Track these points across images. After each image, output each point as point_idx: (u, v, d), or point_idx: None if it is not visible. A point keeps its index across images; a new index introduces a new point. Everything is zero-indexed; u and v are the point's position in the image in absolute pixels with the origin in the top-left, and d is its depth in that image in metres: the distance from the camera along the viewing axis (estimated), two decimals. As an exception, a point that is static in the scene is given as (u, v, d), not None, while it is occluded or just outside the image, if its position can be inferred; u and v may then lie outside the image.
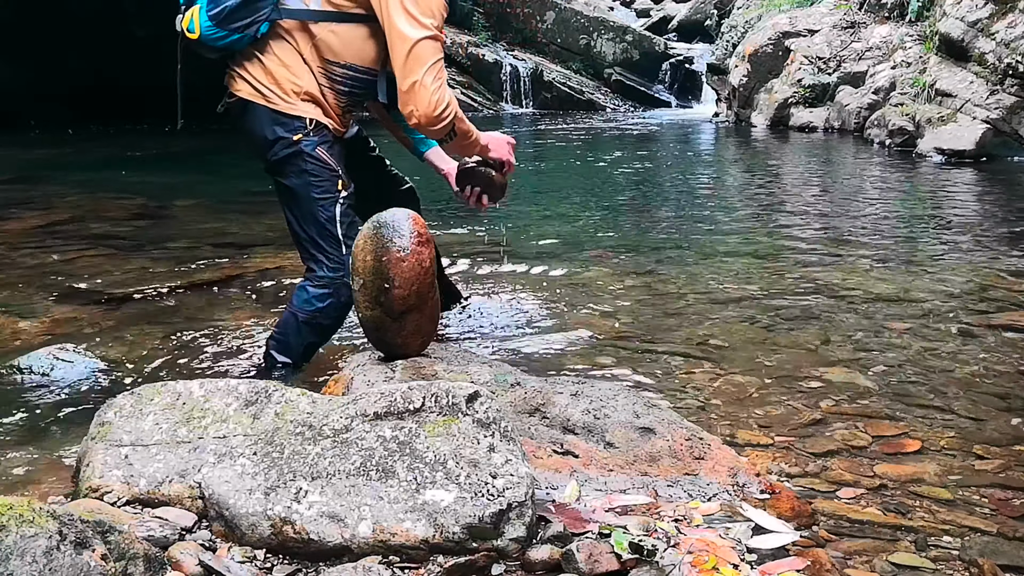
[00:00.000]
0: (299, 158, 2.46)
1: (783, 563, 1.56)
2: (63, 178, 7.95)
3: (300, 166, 2.46)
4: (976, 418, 2.40)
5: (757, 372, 2.78)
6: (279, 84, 2.46)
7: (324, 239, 2.50)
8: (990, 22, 8.99)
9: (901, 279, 3.99)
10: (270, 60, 2.46)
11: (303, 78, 2.45)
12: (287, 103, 2.45)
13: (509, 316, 3.43)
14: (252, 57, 2.48)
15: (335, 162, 2.49)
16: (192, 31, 2.47)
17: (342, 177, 2.50)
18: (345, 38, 2.44)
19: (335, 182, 2.48)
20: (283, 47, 2.46)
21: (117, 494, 1.65)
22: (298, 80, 2.45)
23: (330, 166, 2.48)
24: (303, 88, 2.45)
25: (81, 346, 2.94)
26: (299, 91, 2.45)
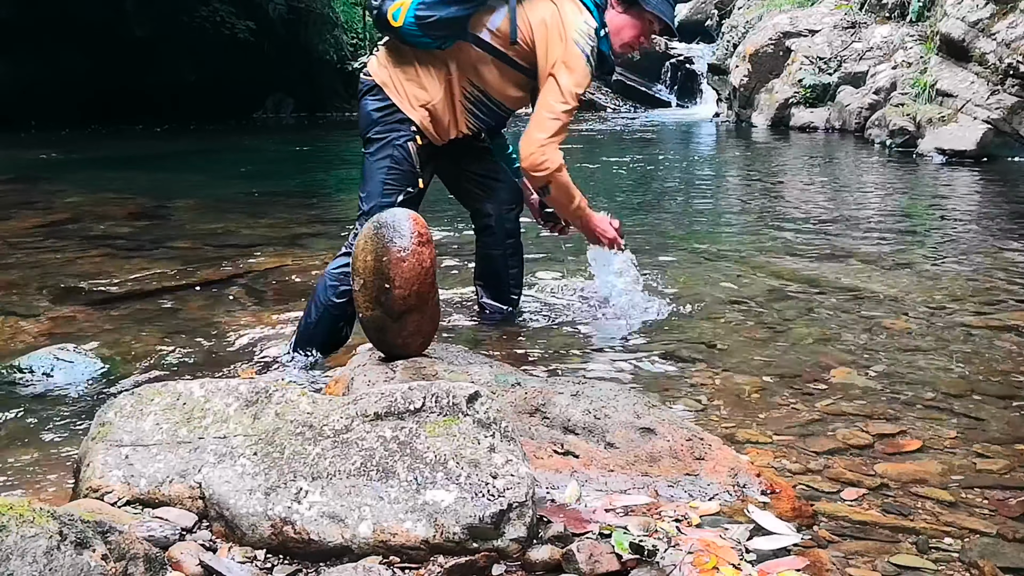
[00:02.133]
0: (388, 143, 2.77)
1: (783, 563, 1.56)
2: (63, 178, 7.96)
3: (386, 150, 2.77)
4: (977, 418, 2.40)
5: (758, 372, 2.77)
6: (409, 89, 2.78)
7: (373, 213, 2.73)
8: (991, 22, 8.99)
9: (902, 279, 3.99)
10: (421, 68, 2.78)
11: (435, 93, 2.77)
12: (408, 105, 2.78)
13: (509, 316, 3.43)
14: (408, 58, 2.79)
15: (419, 162, 2.78)
16: (396, 19, 2.68)
17: (421, 176, 2.80)
18: (498, 75, 2.80)
19: (411, 178, 2.78)
20: (438, 62, 2.78)
21: (117, 494, 1.65)
22: (428, 93, 2.77)
23: (412, 161, 2.77)
24: (431, 100, 2.78)
25: (81, 346, 2.94)
26: (424, 101, 2.78)
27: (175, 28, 14.38)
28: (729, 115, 14.50)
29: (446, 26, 2.68)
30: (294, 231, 5.39)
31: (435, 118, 2.78)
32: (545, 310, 3.51)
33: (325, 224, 5.74)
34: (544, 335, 3.19)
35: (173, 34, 14.43)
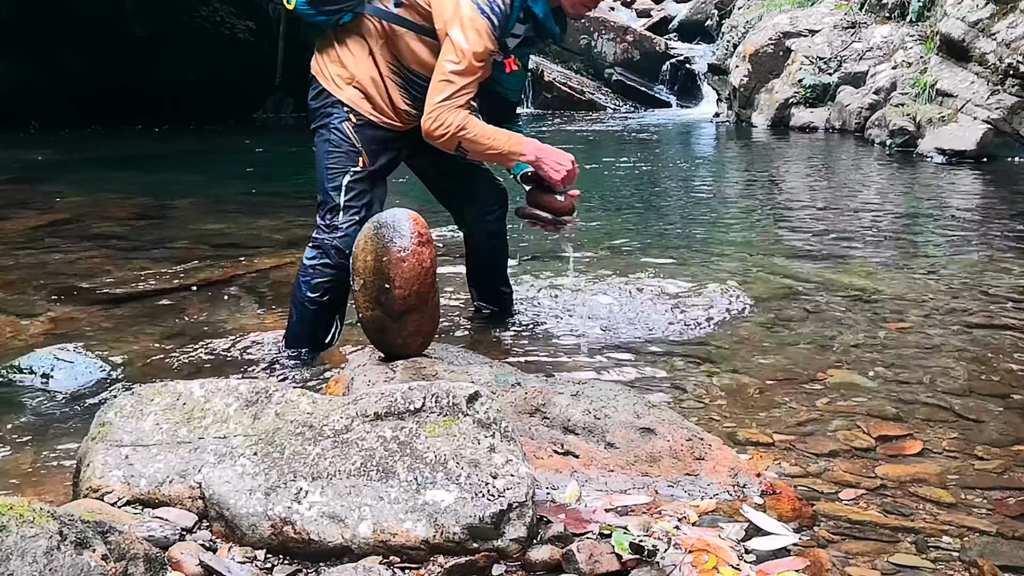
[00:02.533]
0: (326, 128, 2.74)
1: (783, 563, 1.56)
2: (63, 178, 7.95)
3: (324, 135, 2.74)
4: (977, 419, 2.40)
5: (758, 372, 2.78)
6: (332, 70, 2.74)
7: (326, 203, 2.76)
8: (991, 22, 8.99)
9: (902, 279, 3.99)
10: (340, 47, 2.73)
11: (358, 69, 2.70)
12: (335, 86, 2.73)
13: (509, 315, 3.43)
14: (330, 40, 2.75)
15: (358, 140, 2.72)
16: (290, 3, 2.66)
17: (362, 154, 2.72)
18: (412, 46, 2.68)
19: (353, 156, 2.72)
20: (355, 39, 2.71)
21: (117, 494, 1.65)
22: (348, 70, 2.71)
23: (351, 141, 2.71)
24: (353, 76, 2.71)
25: (81, 346, 2.94)
26: (347, 78, 2.72)
27: (175, 28, 14.37)
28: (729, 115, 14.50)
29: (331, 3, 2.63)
30: (294, 231, 5.38)
31: (366, 94, 2.72)
32: (545, 310, 3.51)
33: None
34: (544, 335, 3.19)
35: (173, 34, 14.41)
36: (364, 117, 2.72)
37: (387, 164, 2.82)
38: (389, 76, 2.71)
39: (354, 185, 2.72)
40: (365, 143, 2.72)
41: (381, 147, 2.76)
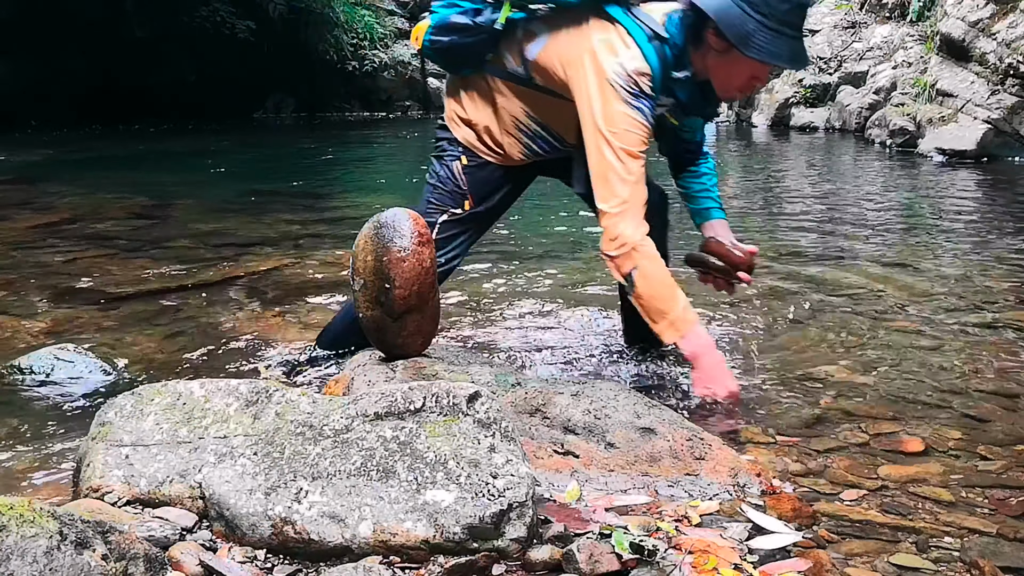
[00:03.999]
0: (439, 161, 2.63)
1: (784, 564, 1.56)
2: (63, 178, 7.96)
3: (435, 167, 2.64)
4: (978, 418, 2.40)
5: (758, 372, 2.77)
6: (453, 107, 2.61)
7: None
8: (991, 22, 8.99)
9: (902, 279, 3.99)
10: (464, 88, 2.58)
11: (476, 114, 2.56)
12: (453, 123, 2.61)
13: (508, 316, 3.43)
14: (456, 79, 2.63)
15: (465, 182, 2.58)
16: (417, 41, 2.55)
17: (468, 197, 2.59)
18: (537, 104, 2.50)
19: (456, 198, 2.59)
20: (478, 86, 2.55)
21: (118, 494, 1.65)
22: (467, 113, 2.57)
23: (457, 182, 2.58)
24: (470, 119, 2.57)
25: (81, 346, 2.94)
26: (464, 119, 2.58)
27: (175, 28, 14.38)
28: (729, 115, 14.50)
29: (455, 55, 2.50)
30: (294, 231, 5.39)
31: (482, 140, 2.57)
32: (544, 309, 3.51)
33: (325, 224, 5.74)
34: (544, 334, 3.19)
35: (173, 34, 14.42)
36: (478, 158, 2.57)
37: (502, 199, 2.66)
38: (513, 128, 2.54)
39: (448, 227, 2.59)
40: (474, 185, 2.58)
41: (495, 186, 2.61)
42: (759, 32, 2.22)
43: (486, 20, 2.41)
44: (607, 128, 2.29)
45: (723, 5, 2.24)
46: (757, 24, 2.22)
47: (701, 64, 2.36)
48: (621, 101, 2.28)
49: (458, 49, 2.47)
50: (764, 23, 2.22)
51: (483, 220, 2.67)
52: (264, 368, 2.86)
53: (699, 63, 2.36)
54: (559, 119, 2.48)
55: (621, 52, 2.29)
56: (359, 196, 7.37)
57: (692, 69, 2.36)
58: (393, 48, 17.73)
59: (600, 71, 2.29)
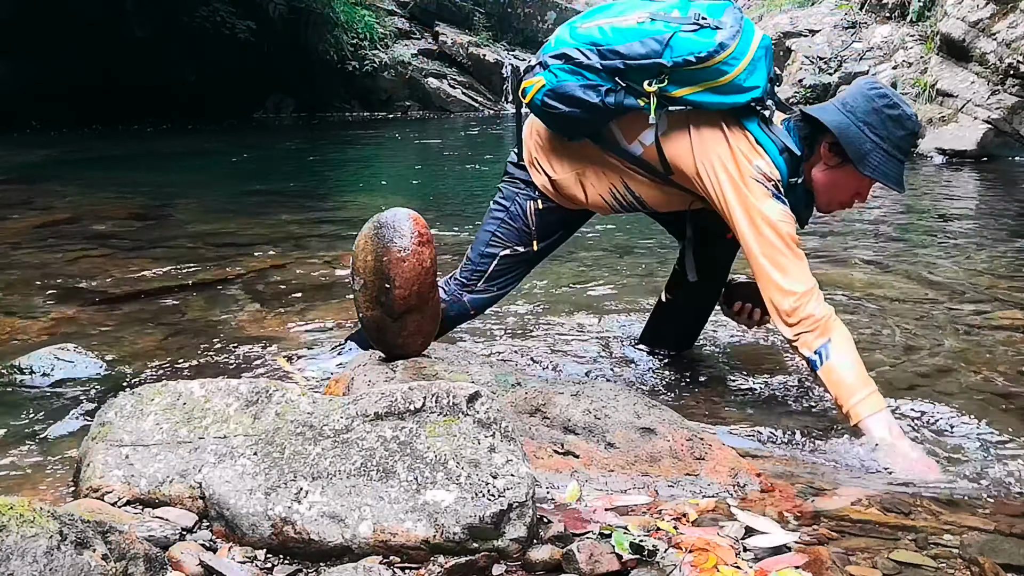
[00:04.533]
0: (512, 198, 2.62)
1: (784, 560, 1.55)
2: (63, 178, 7.96)
3: (506, 204, 2.63)
4: (978, 418, 2.40)
5: (758, 372, 2.78)
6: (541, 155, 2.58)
7: (472, 261, 2.66)
8: (991, 22, 8.98)
9: (902, 279, 3.99)
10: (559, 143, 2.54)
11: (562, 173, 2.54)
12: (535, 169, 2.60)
13: (508, 316, 3.43)
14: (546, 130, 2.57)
15: (535, 223, 2.61)
16: (526, 95, 2.44)
17: (535, 238, 2.62)
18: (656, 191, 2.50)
19: (523, 237, 2.62)
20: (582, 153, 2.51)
21: (118, 494, 1.65)
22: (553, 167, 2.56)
23: (527, 222, 2.61)
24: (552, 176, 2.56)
25: (81, 346, 2.94)
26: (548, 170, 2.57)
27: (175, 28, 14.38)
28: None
29: (570, 125, 2.44)
30: (294, 231, 5.39)
31: (560, 192, 2.57)
32: (544, 310, 3.51)
33: (325, 224, 5.75)
34: (544, 335, 3.19)
35: (173, 34, 14.42)
36: (551, 202, 2.59)
37: (560, 238, 2.71)
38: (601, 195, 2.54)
39: (507, 260, 2.63)
40: (541, 227, 2.62)
41: (559, 227, 2.66)
42: (875, 152, 2.29)
43: (615, 102, 2.33)
44: (769, 219, 2.31)
45: (844, 123, 2.31)
46: (874, 145, 2.29)
47: (808, 174, 2.42)
48: (771, 197, 2.32)
49: (577, 122, 2.41)
50: (880, 145, 2.29)
51: (539, 258, 2.71)
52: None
53: (807, 173, 2.42)
54: (658, 197, 2.52)
55: (756, 159, 2.34)
56: (359, 196, 7.37)
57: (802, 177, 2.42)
58: (393, 48, 17.74)
59: (746, 169, 2.32)
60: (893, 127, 2.29)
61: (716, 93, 2.30)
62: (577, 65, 2.33)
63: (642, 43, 2.28)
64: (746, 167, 2.33)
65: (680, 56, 2.25)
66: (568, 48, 2.35)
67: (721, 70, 2.26)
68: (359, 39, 17.11)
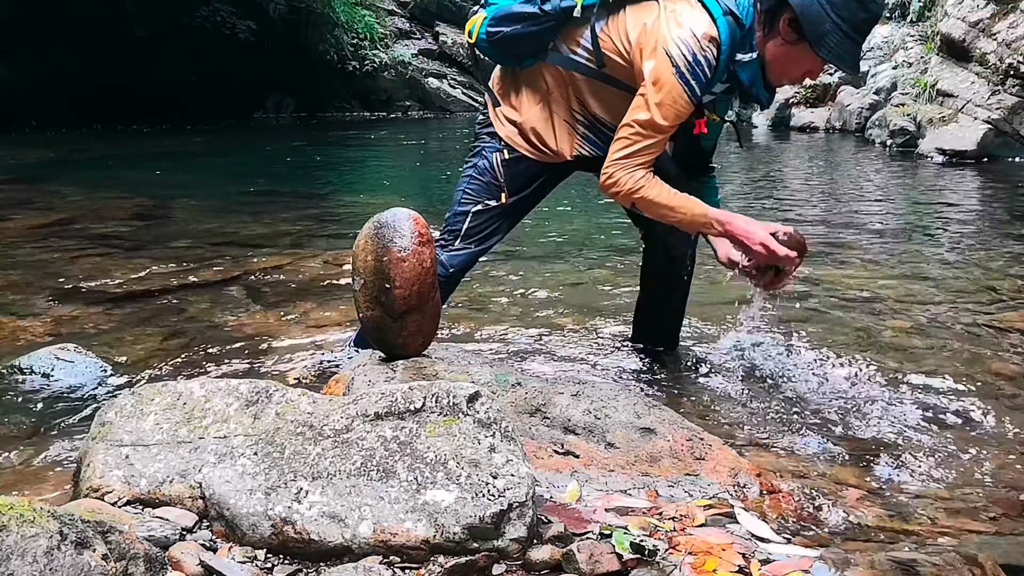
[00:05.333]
0: (479, 153, 2.66)
1: (784, 563, 1.55)
2: (63, 178, 7.96)
3: (474, 160, 2.67)
4: (977, 418, 2.40)
5: (758, 372, 2.77)
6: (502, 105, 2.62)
7: (448, 221, 2.68)
8: (991, 22, 8.98)
9: (902, 279, 3.99)
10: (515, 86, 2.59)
11: (526, 113, 2.56)
12: (498, 121, 2.63)
13: (511, 315, 3.43)
14: (508, 75, 2.63)
15: (504, 175, 2.61)
16: (471, 36, 2.54)
17: (505, 190, 2.62)
18: (599, 94, 2.49)
19: (493, 190, 2.62)
20: (533, 82, 2.55)
21: (118, 494, 1.65)
22: (515, 111, 2.58)
23: (496, 174, 2.61)
24: (517, 119, 2.58)
25: (81, 346, 2.94)
26: (511, 118, 2.59)
27: (175, 28, 14.38)
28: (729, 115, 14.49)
29: (516, 44, 2.48)
30: (294, 231, 5.39)
31: (525, 135, 2.58)
32: (545, 310, 3.51)
33: (325, 224, 5.75)
34: (544, 335, 3.19)
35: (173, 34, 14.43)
36: (518, 152, 2.59)
37: (534, 193, 2.69)
38: (569, 122, 2.54)
39: (480, 216, 2.63)
40: (511, 178, 2.61)
41: (529, 179, 2.64)
42: (833, 33, 2.25)
43: (554, 7, 2.40)
44: (653, 92, 2.30)
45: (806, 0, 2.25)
46: (834, 26, 2.24)
47: (762, 49, 2.38)
48: (675, 71, 2.28)
49: (520, 39, 2.46)
50: (840, 26, 2.24)
51: (514, 213, 2.70)
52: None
53: (760, 47, 2.38)
54: (611, 109, 2.48)
55: (690, 19, 2.28)
56: (359, 196, 7.37)
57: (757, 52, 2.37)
58: (393, 48, 17.74)
59: (664, 40, 2.28)
60: (856, 8, 2.24)
61: None
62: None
63: None
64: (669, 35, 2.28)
65: None
66: None
67: None
68: (359, 39, 17.11)
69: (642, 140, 2.34)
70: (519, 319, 3.39)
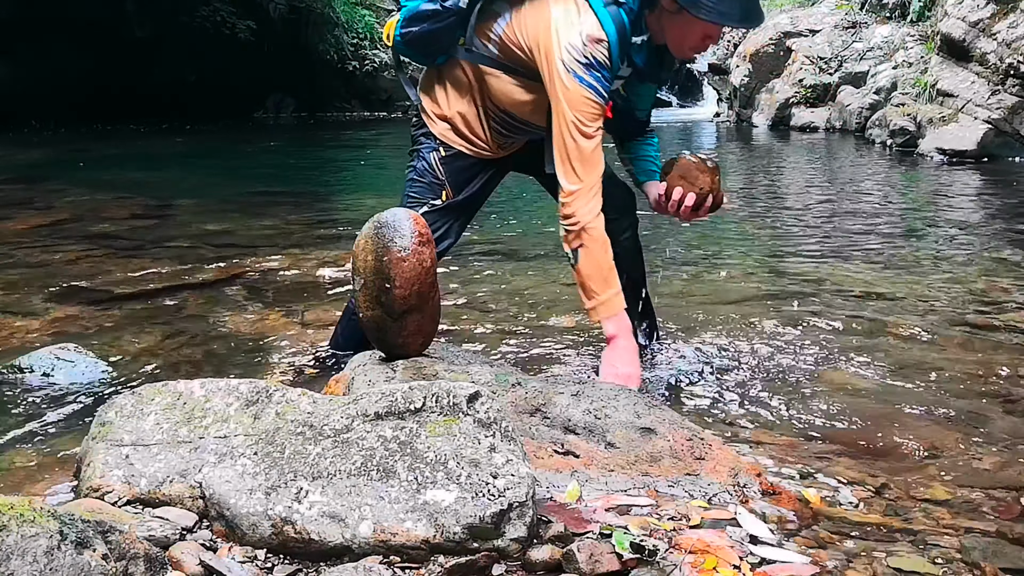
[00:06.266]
0: (416, 155, 2.68)
1: (784, 563, 1.55)
2: (63, 178, 7.96)
3: (412, 163, 2.69)
4: (978, 419, 2.40)
5: (758, 372, 2.78)
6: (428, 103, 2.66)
7: None
8: (991, 22, 8.98)
9: (902, 279, 3.99)
10: (438, 83, 2.64)
11: (451, 105, 2.61)
12: (428, 119, 2.66)
13: (510, 315, 3.43)
14: (430, 74, 2.68)
15: (443, 172, 2.63)
16: (388, 39, 2.62)
17: (446, 187, 2.64)
18: (504, 88, 2.53)
19: (435, 189, 2.64)
20: (453, 77, 2.60)
21: (118, 494, 1.65)
22: (440, 106, 2.63)
23: (435, 173, 2.63)
24: (444, 112, 2.62)
25: (81, 346, 2.94)
26: (439, 113, 2.63)
27: (175, 28, 14.39)
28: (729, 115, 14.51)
29: (427, 43, 2.54)
30: (294, 231, 5.39)
31: (456, 129, 2.61)
32: (545, 310, 3.51)
33: (325, 224, 5.75)
34: (545, 335, 3.19)
35: (173, 34, 14.43)
36: (453, 148, 2.62)
37: (479, 190, 2.70)
38: (484, 117, 2.60)
39: (430, 218, 2.58)
40: (451, 175, 2.63)
41: (471, 175, 2.66)
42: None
43: (453, 3, 2.45)
44: (565, 107, 2.34)
45: None
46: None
47: (656, 26, 2.39)
48: (574, 79, 2.32)
49: (429, 36, 2.52)
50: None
51: (464, 209, 2.71)
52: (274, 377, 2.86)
53: (654, 25, 2.39)
54: (525, 102, 2.52)
55: (577, 22, 2.32)
56: (359, 196, 7.37)
57: (648, 32, 2.39)
58: (393, 48, 17.73)
59: (558, 49, 2.33)
60: None
61: None
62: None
63: None
64: (559, 46, 2.32)
65: None
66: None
67: None
68: (359, 39, 17.12)
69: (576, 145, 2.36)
70: (519, 319, 3.39)
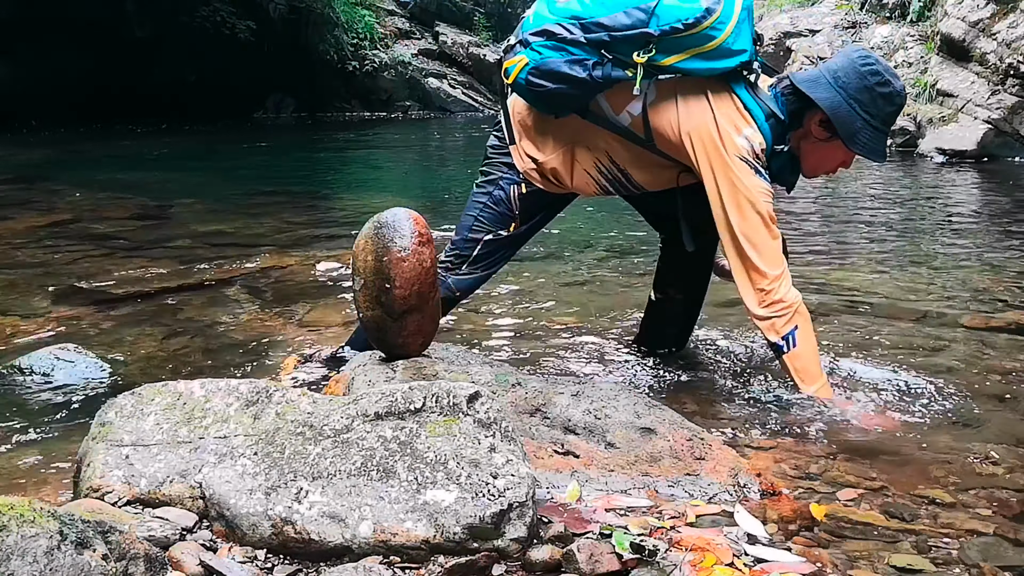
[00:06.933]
0: (494, 182, 2.62)
1: (783, 563, 1.55)
2: (63, 178, 7.96)
3: (488, 187, 2.63)
4: (977, 419, 2.40)
5: (758, 372, 2.77)
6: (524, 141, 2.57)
7: (456, 244, 2.68)
8: (991, 22, 8.98)
9: (902, 279, 3.99)
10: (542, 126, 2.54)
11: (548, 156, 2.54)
12: (518, 156, 2.59)
13: (510, 315, 3.43)
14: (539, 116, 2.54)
15: (518, 206, 2.61)
16: (509, 75, 2.42)
17: (516, 220, 2.63)
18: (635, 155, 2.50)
19: (506, 221, 2.62)
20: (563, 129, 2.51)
21: (118, 494, 1.65)
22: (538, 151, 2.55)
23: (511, 205, 2.61)
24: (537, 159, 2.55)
25: (81, 346, 2.94)
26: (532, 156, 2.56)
27: (175, 28, 14.39)
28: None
29: (559, 102, 2.42)
30: (294, 231, 5.39)
31: (544, 175, 2.57)
32: (545, 310, 3.51)
33: (325, 224, 5.75)
34: (545, 335, 3.19)
35: (173, 34, 14.44)
36: (535, 186, 2.59)
37: (543, 219, 2.71)
38: (592, 171, 2.54)
39: (490, 245, 2.63)
40: (525, 210, 2.61)
41: (541, 208, 2.65)
42: (864, 130, 2.37)
43: (603, 76, 2.32)
44: (750, 196, 2.36)
45: (835, 101, 2.36)
46: (864, 123, 2.36)
47: (795, 142, 2.48)
48: (754, 174, 2.36)
49: (563, 98, 2.39)
50: (870, 122, 2.37)
51: (523, 237, 2.71)
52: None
53: (794, 141, 2.47)
54: (645, 169, 2.53)
55: (744, 128, 2.36)
56: (359, 196, 7.37)
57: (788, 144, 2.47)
58: (393, 48, 17.75)
59: (732, 146, 2.35)
60: (883, 104, 2.36)
61: (704, 59, 2.31)
62: (560, 41, 2.31)
63: (626, 13, 2.28)
64: (731, 142, 2.35)
65: (667, 24, 2.25)
66: (549, 24, 2.34)
67: (709, 35, 2.27)
68: (359, 39, 17.12)
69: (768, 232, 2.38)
70: (519, 319, 3.39)
